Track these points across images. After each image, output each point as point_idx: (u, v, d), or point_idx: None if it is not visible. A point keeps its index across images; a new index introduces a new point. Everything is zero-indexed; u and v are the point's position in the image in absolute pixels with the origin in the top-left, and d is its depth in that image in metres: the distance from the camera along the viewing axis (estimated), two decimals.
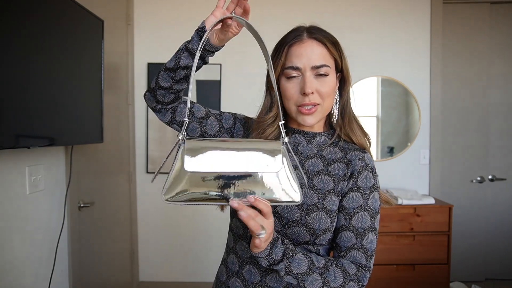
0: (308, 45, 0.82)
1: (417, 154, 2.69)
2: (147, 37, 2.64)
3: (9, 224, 1.34)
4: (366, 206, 0.81)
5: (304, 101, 0.81)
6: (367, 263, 0.79)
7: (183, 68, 0.78)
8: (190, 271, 2.72)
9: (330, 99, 0.84)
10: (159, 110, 0.87)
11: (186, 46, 0.77)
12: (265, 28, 2.57)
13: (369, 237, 0.79)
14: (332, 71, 0.84)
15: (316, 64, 0.81)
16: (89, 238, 1.95)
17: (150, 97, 0.85)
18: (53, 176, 1.60)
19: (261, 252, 0.70)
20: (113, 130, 2.29)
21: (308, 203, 0.80)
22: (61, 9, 1.40)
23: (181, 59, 0.77)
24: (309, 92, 0.80)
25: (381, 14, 2.64)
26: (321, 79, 0.81)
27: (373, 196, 0.82)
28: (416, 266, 2.34)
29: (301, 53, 0.82)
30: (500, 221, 2.79)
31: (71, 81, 1.50)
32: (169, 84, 0.80)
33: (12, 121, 1.17)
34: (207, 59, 0.80)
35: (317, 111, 0.83)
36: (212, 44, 0.77)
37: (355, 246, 0.79)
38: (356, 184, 0.82)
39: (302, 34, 0.83)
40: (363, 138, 0.89)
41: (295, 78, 0.82)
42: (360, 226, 0.79)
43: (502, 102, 2.76)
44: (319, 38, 0.82)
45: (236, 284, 0.85)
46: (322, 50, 0.82)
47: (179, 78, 0.79)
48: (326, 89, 0.82)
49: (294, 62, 0.82)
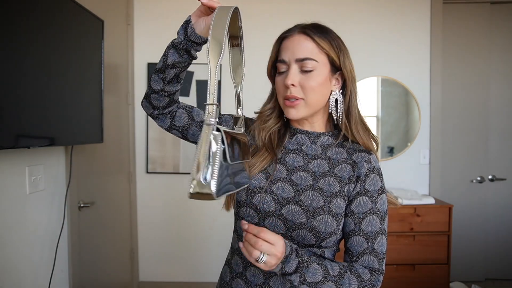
0: (295, 39, 0.83)
1: (417, 154, 2.69)
2: (147, 37, 2.64)
3: (9, 224, 1.34)
4: (375, 210, 0.81)
5: (286, 93, 0.82)
6: (380, 267, 0.80)
7: (171, 67, 0.77)
8: (190, 271, 2.72)
9: (315, 94, 0.82)
10: (157, 116, 0.86)
11: (172, 42, 0.76)
12: (263, 27, 2.57)
13: (379, 240, 0.80)
14: (322, 67, 0.82)
15: (299, 56, 0.81)
16: (89, 238, 1.95)
17: (146, 104, 0.85)
18: (53, 176, 1.60)
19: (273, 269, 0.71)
20: (113, 130, 2.29)
21: (314, 206, 0.79)
22: (61, 9, 1.40)
23: (168, 56, 0.76)
24: (288, 84, 0.81)
25: (381, 14, 2.64)
26: (306, 74, 0.81)
27: (381, 198, 0.82)
28: (416, 266, 2.34)
29: (288, 46, 0.83)
30: (500, 221, 2.79)
31: (71, 81, 1.49)
32: (160, 86, 0.79)
33: (12, 121, 1.17)
34: (194, 53, 0.77)
35: (300, 105, 0.82)
36: (197, 34, 0.73)
37: (367, 251, 0.79)
38: (364, 188, 0.82)
39: (295, 30, 0.84)
40: (369, 140, 0.87)
41: (285, 72, 0.84)
42: (370, 230, 0.80)
43: (502, 102, 2.76)
44: (307, 32, 0.82)
45: (239, 285, 0.85)
46: (309, 44, 0.81)
47: (170, 79, 0.78)
48: (311, 83, 0.81)
49: (282, 55, 0.84)
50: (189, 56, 0.77)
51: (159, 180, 2.67)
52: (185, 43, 0.75)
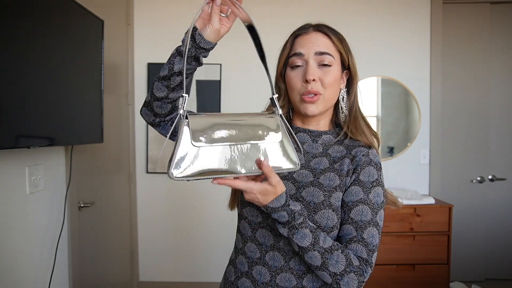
0: (312, 35, 0.85)
1: (417, 154, 2.69)
2: (147, 37, 2.64)
3: (9, 224, 1.34)
4: (367, 200, 0.79)
5: (307, 89, 0.82)
6: (369, 258, 0.77)
7: (177, 74, 0.75)
8: (190, 271, 2.72)
9: (332, 90, 0.85)
10: (158, 124, 0.85)
11: (177, 49, 0.75)
12: (265, 26, 2.57)
13: (370, 231, 0.78)
14: (336, 64, 0.85)
15: (319, 50, 0.83)
16: (89, 238, 1.95)
17: (146, 112, 0.83)
18: (53, 176, 1.60)
19: (277, 199, 0.71)
20: (113, 130, 2.29)
21: (315, 202, 0.79)
22: (61, 9, 1.40)
23: (175, 64, 0.75)
24: (310, 78, 0.81)
25: (381, 14, 2.64)
26: (324, 68, 0.83)
27: (375, 190, 0.81)
28: (416, 266, 2.34)
29: (305, 41, 0.85)
30: (500, 221, 2.78)
31: (71, 81, 1.49)
32: (164, 93, 0.78)
33: (12, 121, 1.17)
34: (201, 60, 0.77)
35: (319, 100, 0.83)
36: (206, 40, 0.73)
37: (355, 239, 0.77)
38: (358, 179, 0.82)
39: (309, 28, 0.87)
40: (371, 137, 0.88)
41: (299, 67, 0.84)
42: (360, 220, 0.78)
43: (502, 102, 2.76)
44: (323, 30, 0.85)
45: (245, 284, 0.85)
46: (327, 41, 0.84)
47: (174, 86, 0.77)
48: (329, 79, 0.83)
49: (298, 49, 0.85)
50: (197, 63, 0.77)
51: (159, 180, 2.67)
52: (194, 50, 0.74)
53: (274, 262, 0.81)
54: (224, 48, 2.81)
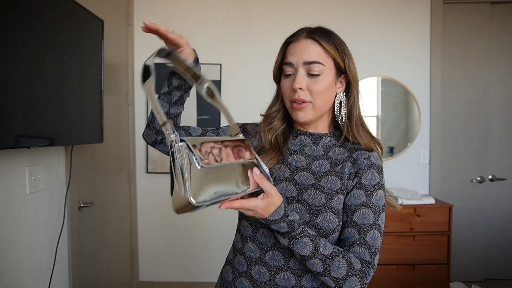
0: (302, 43, 0.84)
1: (417, 154, 2.69)
2: (147, 37, 2.62)
3: (9, 224, 1.34)
4: (369, 203, 0.80)
5: (294, 96, 0.84)
6: (371, 260, 0.78)
7: (177, 88, 0.84)
8: (190, 271, 2.72)
9: (323, 98, 0.85)
10: (160, 142, 0.91)
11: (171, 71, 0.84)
12: (265, 26, 2.57)
13: (372, 234, 0.79)
14: (328, 71, 0.84)
15: (307, 59, 0.83)
16: (89, 238, 1.95)
17: (148, 132, 0.90)
18: (53, 176, 1.60)
19: (277, 211, 0.72)
20: (113, 130, 2.29)
21: (316, 204, 0.80)
22: (61, 9, 1.40)
23: (172, 80, 0.84)
24: (296, 87, 0.82)
25: (381, 14, 2.64)
26: (313, 78, 0.83)
27: (377, 194, 0.82)
28: (416, 266, 2.34)
29: (295, 50, 0.85)
30: (500, 221, 2.78)
31: (71, 81, 1.49)
32: (165, 109, 0.85)
33: (12, 121, 1.17)
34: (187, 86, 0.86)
35: (307, 108, 0.85)
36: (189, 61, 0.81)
37: (358, 241, 0.78)
38: (360, 182, 0.82)
39: (301, 34, 0.86)
40: (371, 142, 0.88)
41: (291, 76, 0.86)
42: (363, 223, 0.79)
43: (502, 102, 2.76)
44: (314, 37, 0.84)
45: (243, 284, 0.85)
46: (317, 48, 0.83)
47: (175, 100, 0.85)
48: (318, 87, 0.83)
49: (289, 58, 0.85)
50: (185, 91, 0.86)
51: (159, 180, 2.67)
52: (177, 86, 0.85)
53: (274, 261, 0.82)
54: (224, 48, 2.82)
